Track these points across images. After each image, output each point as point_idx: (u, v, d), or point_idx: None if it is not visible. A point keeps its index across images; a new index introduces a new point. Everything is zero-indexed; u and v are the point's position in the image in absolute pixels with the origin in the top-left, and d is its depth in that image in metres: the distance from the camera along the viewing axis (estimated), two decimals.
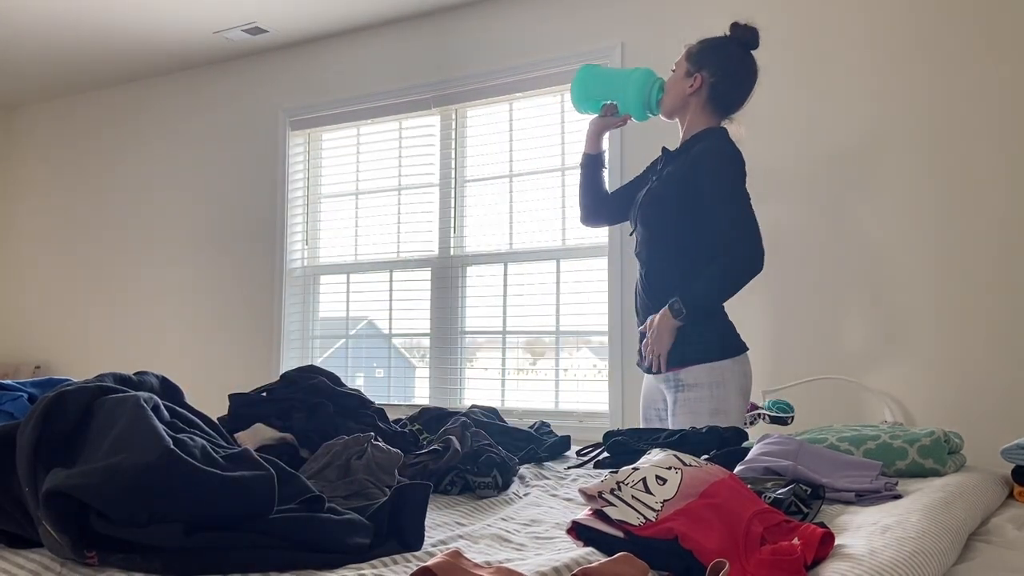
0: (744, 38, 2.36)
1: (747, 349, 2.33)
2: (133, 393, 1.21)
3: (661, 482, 1.21)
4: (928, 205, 3.10)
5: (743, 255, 2.19)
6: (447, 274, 4.21)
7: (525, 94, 4.03)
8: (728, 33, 2.39)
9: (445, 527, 1.42)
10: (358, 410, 1.96)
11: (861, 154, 3.22)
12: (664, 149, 2.49)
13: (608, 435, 2.17)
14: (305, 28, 4.48)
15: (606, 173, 2.68)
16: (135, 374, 1.38)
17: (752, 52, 2.38)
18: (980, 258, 3.00)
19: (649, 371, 2.43)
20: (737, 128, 2.41)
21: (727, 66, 2.34)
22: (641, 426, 2.53)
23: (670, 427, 2.33)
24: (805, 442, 1.69)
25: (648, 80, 2.48)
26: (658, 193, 2.35)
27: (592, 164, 2.63)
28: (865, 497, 1.55)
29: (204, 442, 1.17)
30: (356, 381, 4.51)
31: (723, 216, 2.22)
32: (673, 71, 2.43)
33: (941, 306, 3.05)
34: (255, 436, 1.76)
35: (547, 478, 1.96)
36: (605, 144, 2.67)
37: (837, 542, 1.20)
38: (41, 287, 5.64)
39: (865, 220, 3.20)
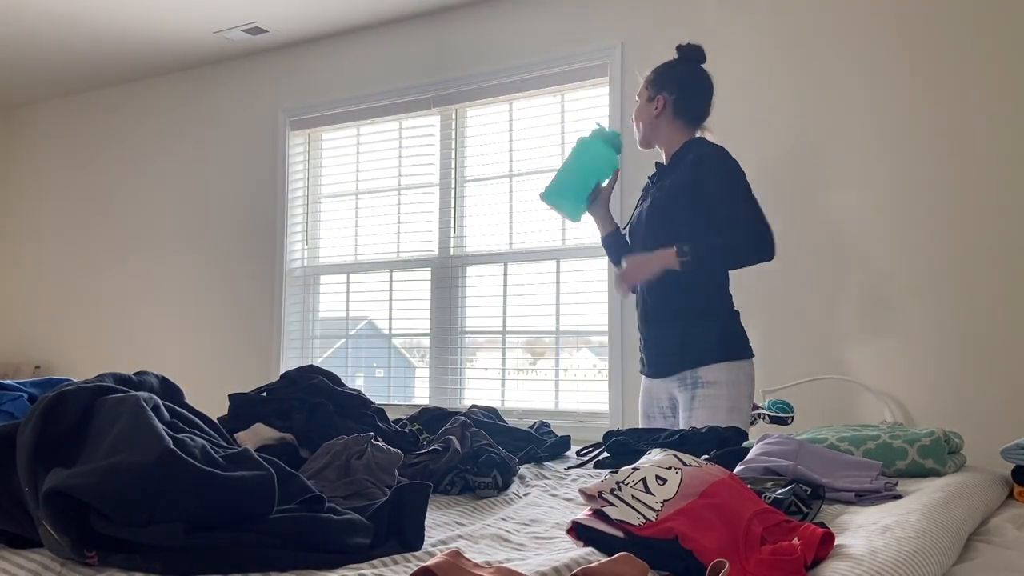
0: (691, 56, 2.51)
1: (753, 355, 2.43)
2: (133, 393, 1.21)
3: (661, 482, 1.21)
4: (927, 203, 3.10)
5: (750, 239, 2.27)
6: (447, 274, 4.21)
7: (525, 94, 4.03)
8: (676, 56, 2.53)
9: (445, 527, 1.42)
10: (358, 410, 1.96)
11: (860, 150, 3.22)
12: (657, 164, 2.54)
13: (608, 435, 2.17)
14: (305, 28, 4.48)
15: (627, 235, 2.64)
16: (135, 374, 1.38)
17: (702, 65, 2.51)
18: (980, 258, 3.00)
19: (652, 375, 2.48)
20: (711, 136, 2.51)
21: (682, 81, 2.48)
22: (640, 423, 2.55)
23: (682, 425, 2.36)
24: (805, 442, 1.69)
25: (598, 135, 2.57)
26: (661, 203, 2.42)
27: (616, 239, 2.64)
28: (865, 497, 1.55)
29: (204, 442, 1.17)
30: (356, 381, 4.51)
31: (731, 213, 2.29)
32: (636, 102, 2.55)
33: (941, 306, 3.05)
34: (255, 436, 1.76)
35: (547, 478, 1.96)
36: (615, 214, 2.73)
37: (837, 542, 1.20)
38: (41, 287, 5.64)
39: (865, 219, 3.20)
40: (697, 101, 2.48)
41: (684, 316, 2.38)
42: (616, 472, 1.25)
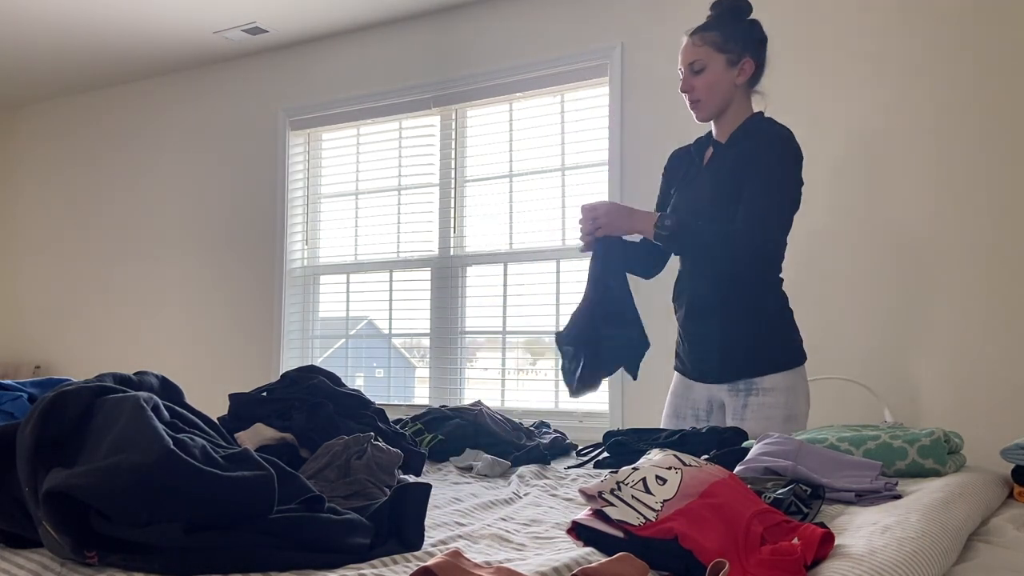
0: (749, 9, 2.24)
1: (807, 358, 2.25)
2: (133, 393, 1.21)
3: (661, 482, 1.21)
4: (928, 205, 3.10)
5: (753, 243, 2.09)
6: (447, 274, 4.21)
7: (525, 94, 4.03)
8: (732, 6, 2.23)
9: (445, 527, 1.42)
10: (358, 410, 1.97)
11: (861, 150, 3.22)
12: (714, 142, 2.27)
13: (608, 435, 2.17)
14: (305, 28, 4.48)
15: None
16: (135, 374, 1.38)
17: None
18: (980, 257, 3.00)
19: (700, 379, 2.28)
20: (765, 103, 2.29)
21: (761, 44, 2.22)
22: (665, 422, 2.39)
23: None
24: (805, 442, 1.69)
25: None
26: (731, 179, 2.15)
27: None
28: (865, 497, 1.55)
29: (204, 442, 1.17)
30: (356, 381, 4.51)
31: (760, 207, 2.10)
32: (699, 71, 2.19)
33: (941, 305, 3.05)
34: (255, 436, 1.76)
35: (547, 478, 1.96)
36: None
37: (837, 542, 1.20)
38: (41, 287, 5.64)
39: (865, 219, 3.20)
40: (763, 68, 2.22)
41: (748, 317, 2.17)
42: (616, 472, 1.25)
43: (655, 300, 2.92)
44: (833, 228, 3.26)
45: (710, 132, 2.32)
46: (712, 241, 2.09)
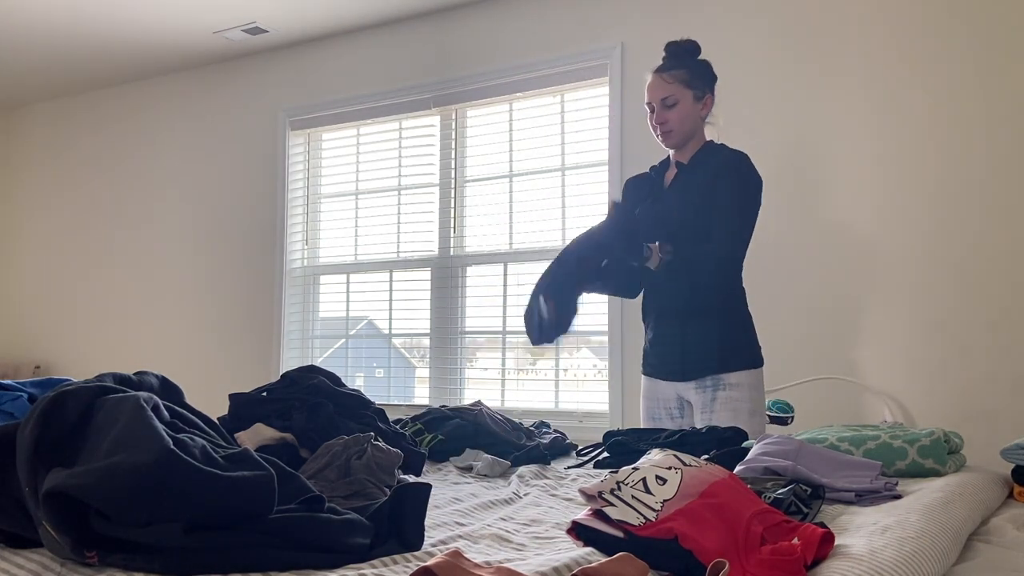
0: (699, 49, 2.47)
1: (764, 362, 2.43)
2: (133, 393, 1.21)
3: (661, 482, 1.21)
4: (927, 205, 3.10)
5: (732, 255, 2.33)
6: (447, 274, 4.21)
7: (525, 94, 4.03)
8: (690, 48, 2.45)
9: (445, 527, 1.42)
10: (358, 410, 1.97)
11: (861, 150, 3.22)
12: (677, 163, 2.45)
13: (608, 435, 2.17)
14: (305, 28, 4.48)
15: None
16: (135, 374, 1.38)
17: None
18: (980, 258, 3.00)
19: (669, 378, 2.41)
20: (716, 131, 2.50)
21: (715, 80, 2.46)
22: (644, 425, 2.50)
23: (701, 424, 2.34)
24: (805, 442, 1.69)
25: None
26: (691, 202, 2.35)
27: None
28: (865, 497, 1.55)
29: (204, 442, 1.17)
30: (356, 381, 4.51)
31: (736, 224, 2.30)
32: (671, 106, 2.37)
33: (941, 306, 3.05)
34: (255, 436, 1.77)
35: (547, 478, 1.96)
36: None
37: (837, 542, 1.20)
38: (41, 287, 5.64)
39: (865, 219, 3.20)
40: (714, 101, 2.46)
41: (716, 318, 2.33)
42: (616, 472, 1.25)
43: None
44: (834, 229, 3.26)
45: (667, 157, 2.52)
46: (704, 262, 2.30)
